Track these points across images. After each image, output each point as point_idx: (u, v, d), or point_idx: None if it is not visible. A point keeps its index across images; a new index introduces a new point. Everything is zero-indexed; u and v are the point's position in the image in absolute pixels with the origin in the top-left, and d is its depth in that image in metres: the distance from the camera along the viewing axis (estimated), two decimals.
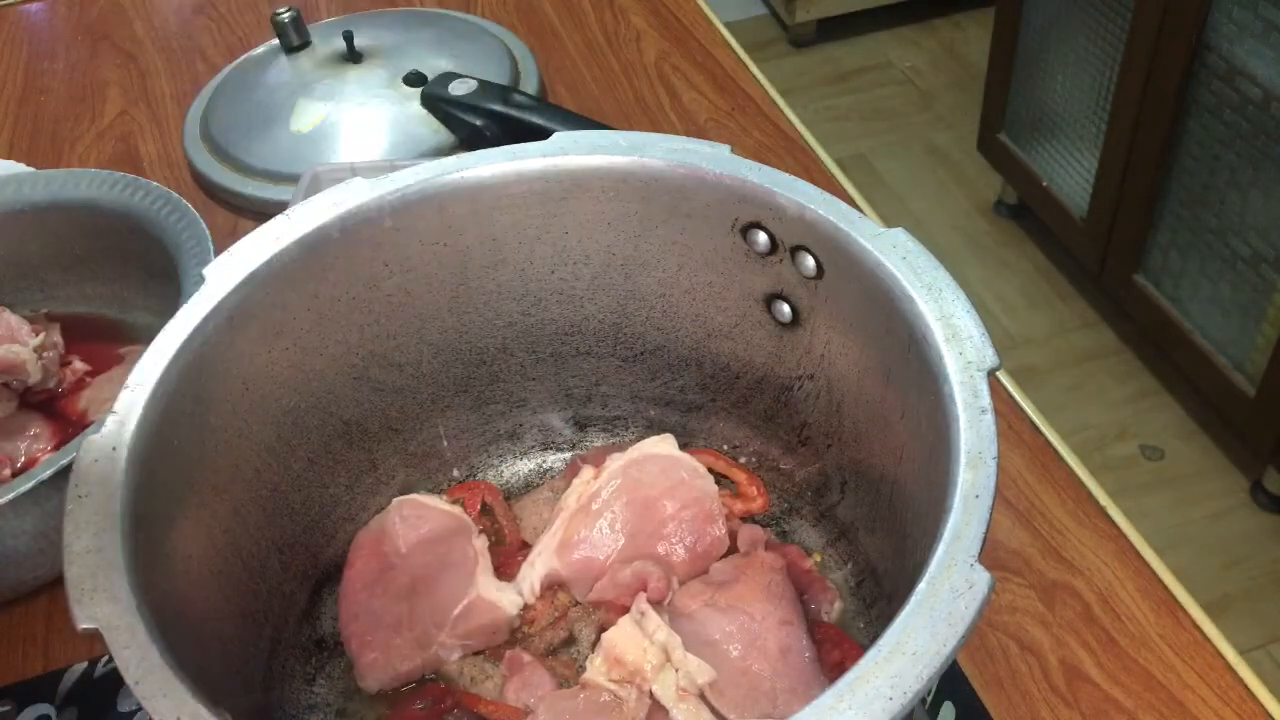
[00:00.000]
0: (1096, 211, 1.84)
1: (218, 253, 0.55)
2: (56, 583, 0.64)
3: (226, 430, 0.52)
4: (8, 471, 0.69)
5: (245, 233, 0.53)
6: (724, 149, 0.54)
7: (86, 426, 0.71)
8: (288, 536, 0.57)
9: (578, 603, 0.58)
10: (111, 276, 0.79)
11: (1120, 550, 0.62)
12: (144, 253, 0.74)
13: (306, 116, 0.91)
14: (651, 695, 0.50)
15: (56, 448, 0.71)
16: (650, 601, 0.54)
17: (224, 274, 0.51)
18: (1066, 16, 1.80)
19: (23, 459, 0.70)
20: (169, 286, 0.69)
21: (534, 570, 0.57)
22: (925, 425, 0.46)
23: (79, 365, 0.76)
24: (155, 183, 0.74)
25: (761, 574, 0.56)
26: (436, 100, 0.89)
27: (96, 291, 0.80)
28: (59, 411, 0.73)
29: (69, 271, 0.79)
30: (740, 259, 0.56)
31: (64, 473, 0.57)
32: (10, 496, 0.56)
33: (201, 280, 0.51)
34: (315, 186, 0.76)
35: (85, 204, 0.76)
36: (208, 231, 0.70)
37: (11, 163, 0.88)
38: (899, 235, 0.49)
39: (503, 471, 0.67)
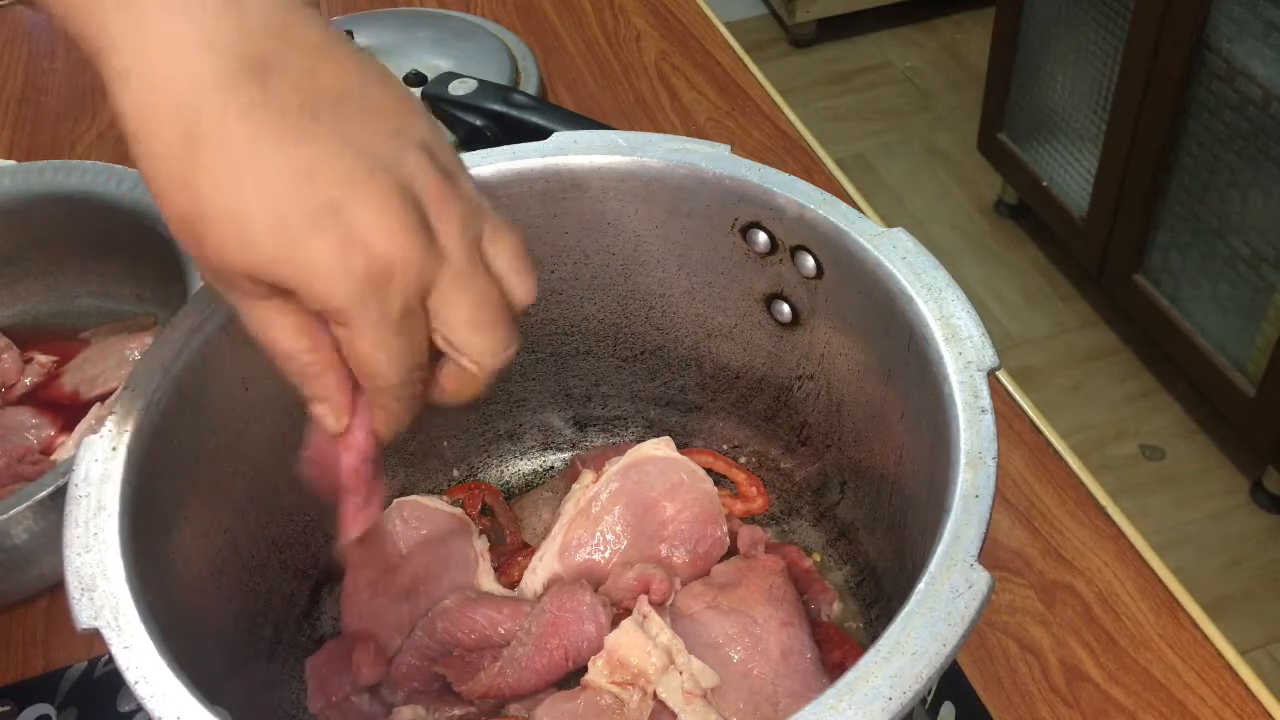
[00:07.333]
0: (1096, 211, 1.84)
1: None
2: (57, 583, 0.64)
3: (226, 430, 0.52)
4: (37, 454, 0.69)
5: None
6: (724, 149, 0.54)
7: (86, 405, 0.72)
8: (288, 536, 0.57)
9: None
10: (44, 269, 0.78)
11: (1120, 550, 0.62)
12: (82, 238, 0.73)
13: None
14: (655, 697, 0.50)
15: (63, 429, 0.71)
16: (652, 603, 0.54)
17: None
18: (1066, 16, 1.80)
19: (38, 447, 0.70)
20: (111, 265, 0.67)
21: (536, 576, 0.57)
22: (925, 425, 0.46)
23: (43, 358, 0.75)
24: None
25: (763, 577, 0.56)
26: (436, 100, 0.88)
27: (29, 290, 0.79)
28: (45, 401, 0.73)
29: None
30: (740, 259, 0.56)
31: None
32: (26, 504, 0.57)
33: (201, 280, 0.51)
34: None
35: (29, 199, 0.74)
36: None
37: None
38: (899, 235, 0.49)
39: (503, 471, 0.67)
